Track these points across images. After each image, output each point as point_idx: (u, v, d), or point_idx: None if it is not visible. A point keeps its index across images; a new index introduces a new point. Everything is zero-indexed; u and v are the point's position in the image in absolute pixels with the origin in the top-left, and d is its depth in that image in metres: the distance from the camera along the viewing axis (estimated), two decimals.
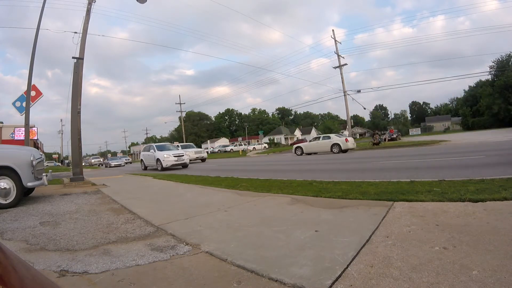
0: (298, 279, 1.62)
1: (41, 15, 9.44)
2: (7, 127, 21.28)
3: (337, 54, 24.71)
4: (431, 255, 1.77)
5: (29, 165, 4.76)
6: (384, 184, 4.42)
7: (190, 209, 3.81)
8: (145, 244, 2.49)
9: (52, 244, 2.60)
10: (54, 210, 4.25)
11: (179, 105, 42.43)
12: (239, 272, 1.81)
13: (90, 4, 9.09)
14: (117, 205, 4.50)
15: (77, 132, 8.58)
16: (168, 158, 14.01)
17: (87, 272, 1.93)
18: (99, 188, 6.96)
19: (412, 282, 1.47)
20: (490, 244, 1.83)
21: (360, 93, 28.23)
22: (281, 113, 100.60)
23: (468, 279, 1.44)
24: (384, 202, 3.21)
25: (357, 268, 1.69)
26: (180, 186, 6.62)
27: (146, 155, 16.10)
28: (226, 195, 4.78)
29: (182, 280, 1.75)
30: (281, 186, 5.16)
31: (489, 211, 2.51)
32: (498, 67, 47.70)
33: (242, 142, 47.47)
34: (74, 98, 8.62)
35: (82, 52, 8.93)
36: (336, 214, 2.97)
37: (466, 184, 3.73)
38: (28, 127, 9.85)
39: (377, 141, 21.97)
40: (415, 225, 2.34)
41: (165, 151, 14.90)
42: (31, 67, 9.59)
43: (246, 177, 7.18)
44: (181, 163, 14.60)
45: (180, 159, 14.46)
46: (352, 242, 2.11)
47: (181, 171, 12.77)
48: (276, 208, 3.52)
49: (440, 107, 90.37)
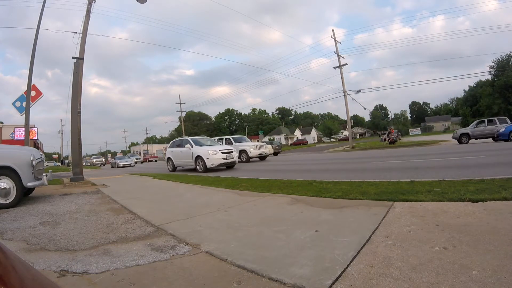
0: (298, 279, 1.62)
1: (41, 15, 9.44)
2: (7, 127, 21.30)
3: (337, 54, 24.69)
4: (431, 255, 1.76)
5: (29, 165, 4.76)
6: (384, 184, 4.42)
7: (190, 209, 3.81)
8: (145, 244, 2.49)
9: (52, 244, 2.60)
10: (54, 210, 4.25)
11: (179, 105, 42.45)
12: (239, 272, 1.81)
13: (90, 4, 9.08)
14: (117, 205, 4.50)
15: (77, 132, 8.58)
16: (214, 156, 10.59)
17: (87, 272, 1.93)
18: (99, 188, 6.96)
19: (412, 282, 1.46)
20: (490, 244, 1.83)
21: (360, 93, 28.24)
22: (281, 113, 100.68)
23: (468, 279, 1.44)
24: (384, 202, 3.21)
25: (357, 268, 1.69)
26: (180, 186, 6.62)
27: (178, 152, 12.44)
28: (226, 195, 4.78)
29: (182, 280, 1.75)
30: (281, 186, 5.16)
31: (489, 211, 2.51)
32: (498, 67, 47.71)
33: None
34: (74, 98, 8.62)
35: (82, 52, 8.93)
36: (336, 214, 2.97)
37: (466, 184, 3.73)
38: (28, 127, 9.85)
39: (393, 139, 21.90)
40: (415, 225, 2.34)
41: (208, 147, 11.51)
42: (31, 67, 9.59)
43: (246, 177, 7.18)
44: (230, 162, 11.22)
45: (230, 156, 11.13)
46: (352, 242, 2.11)
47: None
48: (276, 208, 3.52)
49: (440, 107, 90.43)
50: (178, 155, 12.47)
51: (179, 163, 12.66)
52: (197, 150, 11.28)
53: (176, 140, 13.74)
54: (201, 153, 10.96)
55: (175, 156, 12.72)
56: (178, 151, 12.46)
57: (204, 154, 10.80)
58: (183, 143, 12.34)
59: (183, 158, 12.16)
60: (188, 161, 11.85)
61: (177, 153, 12.54)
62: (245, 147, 15.36)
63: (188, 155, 11.69)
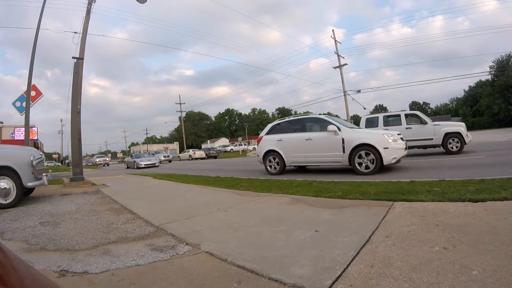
0: (298, 279, 1.62)
1: (41, 15, 9.45)
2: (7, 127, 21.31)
3: (337, 54, 24.72)
4: (431, 255, 1.76)
5: (29, 165, 4.76)
6: (384, 184, 4.42)
7: (190, 209, 3.81)
8: (145, 244, 2.49)
9: (52, 244, 2.60)
10: (54, 210, 4.25)
11: (179, 105, 42.52)
12: (239, 272, 1.81)
13: (90, 4, 9.09)
14: (117, 205, 4.50)
15: (77, 132, 8.58)
16: (395, 144, 6.39)
17: (87, 272, 1.93)
18: (99, 188, 6.96)
19: (412, 282, 1.46)
20: (490, 244, 1.83)
21: (360, 93, 28.20)
22: (281, 113, 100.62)
23: (468, 279, 1.44)
24: (384, 202, 3.21)
25: (357, 268, 1.69)
26: (180, 186, 6.62)
27: (296, 140, 7.56)
28: (226, 195, 4.78)
29: (182, 280, 1.75)
30: (281, 186, 5.16)
31: (489, 211, 2.51)
32: (498, 67, 47.74)
33: (242, 142, 47.45)
34: (74, 98, 8.62)
35: (82, 52, 8.93)
36: (336, 214, 2.97)
37: (466, 184, 3.73)
38: (28, 127, 9.86)
39: None
40: (415, 225, 2.34)
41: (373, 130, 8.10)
42: (31, 67, 9.59)
43: (246, 177, 7.18)
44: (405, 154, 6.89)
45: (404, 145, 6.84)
46: (352, 242, 2.11)
47: (181, 171, 12.72)
48: (276, 208, 3.52)
49: (440, 107, 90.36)
50: (299, 145, 7.42)
51: (300, 159, 7.53)
52: (355, 135, 6.67)
53: (289, 120, 8.12)
54: (370, 139, 6.38)
55: (288, 147, 7.62)
56: (299, 138, 7.46)
57: (377, 141, 6.27)
58: (312, 125, 7.60)
59: (315, 151, 7.13)
60: (327, 155, 6.96)
61: (296, 141, 7.50)
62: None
63: (329, 143, 6.89)
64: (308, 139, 7.30)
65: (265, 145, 8.16)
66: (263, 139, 8.33)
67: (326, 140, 6.99)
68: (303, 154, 7.42)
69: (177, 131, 79.56)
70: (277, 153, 7.80)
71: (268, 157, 8.03)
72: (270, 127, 8.50)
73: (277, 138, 7.94)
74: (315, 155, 7.21)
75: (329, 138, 6.92)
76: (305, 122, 7.79)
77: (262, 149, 8.22)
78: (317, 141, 7.17)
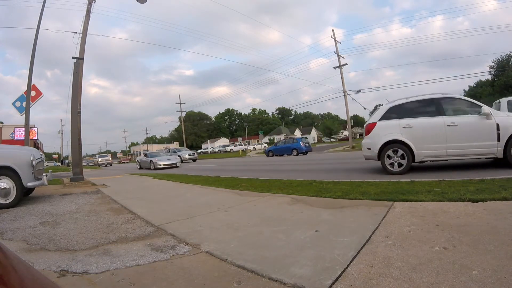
0: (298, 279, 1.62)
1: (41, 15, 9.44)
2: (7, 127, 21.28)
3: (337, 54, 24.70)
4: (431, 255, 1.76)
5: (29, 165, 4.76)
6: (384, 184, 4.42)
7: (190, 209, 3.81)
8: (145, 244, 2.49)
9: (52, 244, 2.60)
10: (54, 210, 4.25)
11: (179, 105, 42.48)
12: (239, 272, 1.81)
13: (90, 4, 9.09)
14: (117, 205, 4.50)
15: (77, 132, 8.58)
16: None
17: (87, 272, 1.93)
18: (99, 188, 6.96)
19: (412, 282, 1.46)
20: (490, 244, 1.83)
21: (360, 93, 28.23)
22: (281, 113, 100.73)
23: (468, 279, 1.44)
24: (384, 202, 3.21)
25: (357, 268, 1.69)
26: (180, 186, 6.62)
27: (431, 126, 5.76)
28: (226, 195, 4.78)
29: (182, 280, 1.75)
30: (281, 186, 5.16)
31: (489, 211, 2.52)
32: (498, 67, 47.72)
33: (242, 142, 47.44)
34: (74, 98, 8.62)
35: (82, 52, 8.93)
36: (336, 214, 2.97)
37: (466, 184, 3.73)
38: (28, 127, 9.85)
39: None
40: (415, 225, 2.34)
41: None
42: (31, 67, 9.59)
43: (246, 177, 7.18)
44: None
45: None
46: (352, 242, 2.11)
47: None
48: (276, 208, 3.52)
49: None
50: (438, 133, 5.65)
51: (438, 151, 5.67)
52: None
53: (418, 100, 6.14)
54: None
55: (421, 135, 5.79)
56: (436, 124, 5.68)
57: None
58: (449, 107, 5.88)
59: (461, 140, 5.50)
60: (477, 145, 5.41)
61: (433, 128, 5.73)
62: None
63: (479, 130, 5.42)
64: (452, 125, 5.54)
65: (383, 133, 6.06)
66: (378, 126, 6.21)
67: (475, 126, 5.43)
68: (444, 145, 5.58)
69: (177, 131, 79.58)
70: (403, 144, 5.81)
71: (387, 151, 5.96)
72: (386, 109, 6.34)
73: (402, 124, 5.91)
74: (461, 146, 5.49)
75: (479, 123, 5.38)
76: (440, 102, 5.85)
77: (378, 139, 6.08)
78: (464, 127, 5.50)
